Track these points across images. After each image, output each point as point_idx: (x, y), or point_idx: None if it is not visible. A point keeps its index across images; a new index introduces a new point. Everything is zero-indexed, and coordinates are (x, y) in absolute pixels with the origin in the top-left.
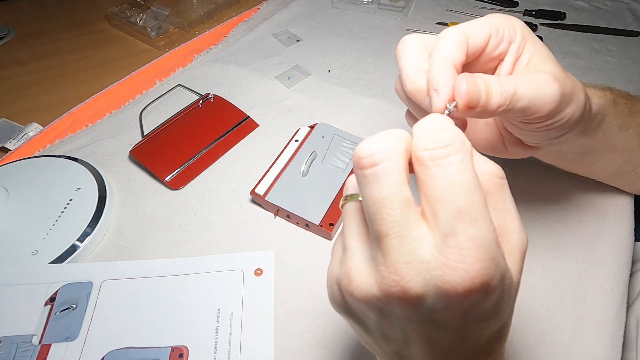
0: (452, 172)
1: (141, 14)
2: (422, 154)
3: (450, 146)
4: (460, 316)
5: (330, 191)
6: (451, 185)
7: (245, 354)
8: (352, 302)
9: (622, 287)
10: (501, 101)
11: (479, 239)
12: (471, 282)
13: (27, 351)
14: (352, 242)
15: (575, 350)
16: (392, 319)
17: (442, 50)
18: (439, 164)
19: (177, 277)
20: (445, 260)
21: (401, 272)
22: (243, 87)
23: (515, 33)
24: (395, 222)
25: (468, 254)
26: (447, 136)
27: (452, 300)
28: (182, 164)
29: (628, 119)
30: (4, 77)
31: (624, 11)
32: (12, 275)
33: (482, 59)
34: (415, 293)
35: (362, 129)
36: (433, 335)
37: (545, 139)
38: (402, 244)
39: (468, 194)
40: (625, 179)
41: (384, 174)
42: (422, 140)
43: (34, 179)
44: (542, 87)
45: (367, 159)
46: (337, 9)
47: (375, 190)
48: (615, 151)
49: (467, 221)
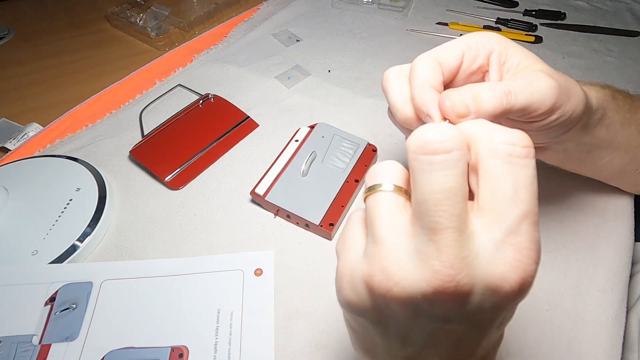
0: (529, 173)
1: (141, 14)
2: (502, 147)
3: (530, 148)
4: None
5: (330, 191)
6: (526, 186)
7: (245, 354)
8: (386, 300)
9: (622, 287)
10: (496, 102)
11: (537, 242)
12: (526, 281)
13: (27, 351)
14: (387, 234)
15: (575, 350)
16: (424, 318)
17: (418, 78)
18: (517, 162)
19: (177, 277)
20: (504, 257)
21: (458, 266)
22: (243, 87)
23: (491, 44)
24: (458, 216)
25: (528, 254)
26: (528, 138)
27: (504, 298)
28: (182, 164)
29: (629, 115)
30: (4, 77)
31: (624, 11)
32: (12, 275)
33: (462, 75)
34: (469, 289)
35: (362, 129)
36: (461, 338)
37: (550, 137)
38: (461, 239)
39: (535, 198)
40: (629, 178)
41: (454, 163)
42: (502, 133)
43: (34, 179)
44: (536, 83)
45: (438, 144)
46: (337, 9)
47: (441, 179)
48: (619, 149)
49: (531, 223)
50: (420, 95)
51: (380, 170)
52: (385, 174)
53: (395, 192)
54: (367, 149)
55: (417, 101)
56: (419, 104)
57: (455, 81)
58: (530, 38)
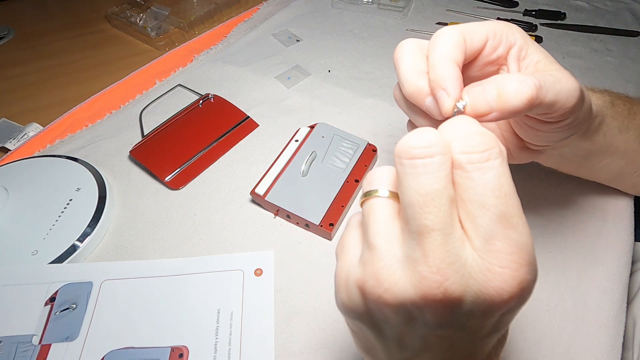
0: (492, 176)
1: (141, 14)
2: (460, 157)
3: (490, 150)
4: (491, 323)
5: (330, 191)
6: (491, 189)
7: (245, 354)
8: (378, 306)
9: (622, 287)
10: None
11: (522, 244)
12: (516, 288)
13: (27, 351)
14: (379, 240)
15: (575, 350)
16: (417, 325)
17: (442, 49)
18: (478, 167)
19: (177, 277)
20: (488, 265)
21: (445, 272)
22: (243, 87)
23: (514, 37)
24: (443, 218)
25: (512, 259)
26: (486, 140)
27: (493, 306)
28: (182, 164)
29: (627, 120)
30: (4, 77)
31: (624, 11)
32: (12, 275)
33: (479, 62)
34: (457, 296)
35: (362, 129)
36: (455, 343)
37: (555, 139)
38: (447, 243)
39: (508, 198)
40: (627, 181)
41: (437, 167)
42: (458, 143)
43: (34, 179)
44: (564, 81)
45: (421, 149)
46: (337, 9)
47: (425, 182)
48: (617, 153)
49: (508, 226)
50: (442, 67)
51: (377, 175)
52: (381, 179)
53: (391, 197)
54: (367, 149)
55: (437, 73)
56: (438, 77)
57: (471, 69)
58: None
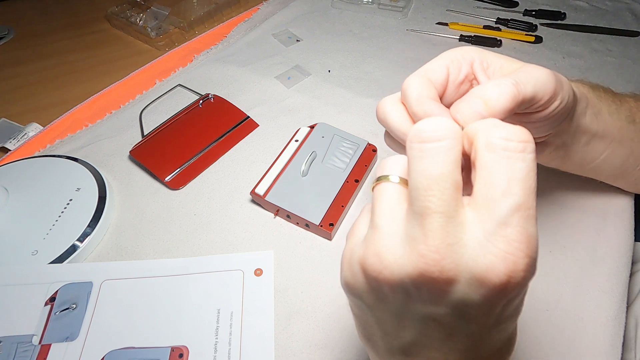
0: (524, 167)
1: (141, 14)
2: (498, 141)
3: (527, 143)
4: (491, 311)
5: (330, 191)
6: (519, 178)
7: (245, 354)
8: (377, 283)
9: (622, 287)
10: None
11: (531, 237)
12: (516, 274)
13: (27, 351)
14: (383, 220)
15: (575, 350)
16: (416, 305)
17: (413, 94)
18: (513, 155)
19: (177, 277)
20: (493, 248)
21: (443, 252)
22: (243, 87)
23: (470, 54)
24: (445, 202)
25: (519, 247)
26: (526, 133)
27: (493, 291)
28: (182, 164)
29: (615, 106)
30: (4, 77)
31: (624, 11)
32: (12, 275)
33: (451, 87)
34: (453, 275)
35: (362, 129)
36: (455, 332)
37: (550, 128)
38: (448, 225)
39: (530, 192)
40: (630, 176)
41: (445, 151)
42: (499, 129)
43: (34, 179)
44: (535, 72)
45: (430, 132)
46: (337, 9)
47: (432, 165)
48: (614, 142)
49: (524, 216)
50: (421, 107)
51: (390, 162)
52: (393, 166)
53: (401, 184)
54: (367, 149)
55: (419, 115)
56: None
57: (445, 95)
58: (530, 38)
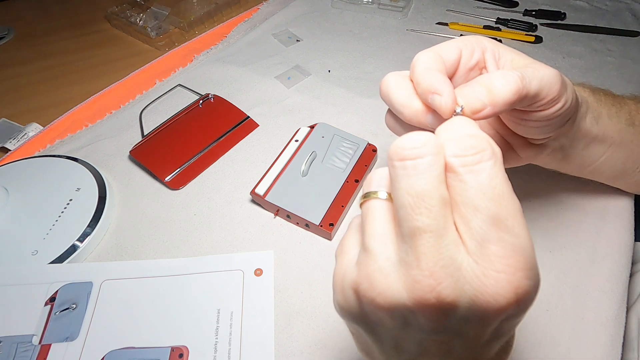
0: (484, 178)
1: (141, 14)
2: (452, 160)
3: (482, 153)
4: (490, 330)
5: (330, 191)
6: (484, 191)
7: (245, 354)
8: (372, 309)
9: (622, 287)
10: (512, 89)
11: (518, 247)
12: (511, 293)
13: (27, 351)
14: (375, 243)
15: (575, 350)
16: (413, 329)
17: (422, 64)
18: (471, 170)
19: (177, 277)
20: (483, 269)
21: (438, 276)
22: (243, 87)
23: (484, 43)
24: (434, 220)
25: (508, 262)
26: (478, 142)
27: (489, 312)
28: (182, 164)
29: (615, 109)
30: (4, 77)
31: (624, 11)
32: (12, 275)
33: (462, 70)
34: (451, 301)
35: (362, 129)
36: (453, 348)
37: (552, 130)
38: (440, 245)
39: (501, 200)
40: (630, 178)
41: (427, 167)
42: (451, 146)
43: (34, 179)
44: (542, 70)
45: (411, 150)
46: (337, 9)
47: (416, 182)
48: (614, 144)
49: (503, 228)
50: (426, 76)
51: (377, 177)
52: (381, 181)
53: (389, 200)
54: (367, 149)
55: (424, 82)
56: (427, 85)
57: (455, 78)
58: (530, 38)
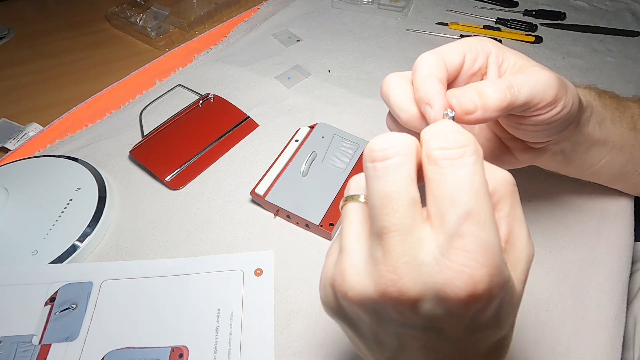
0: (465, 173)
1: (141, 14)
2: (435, 152)
3: (465, 147)
4: (461, 324)
5: (330, 191)
6: (462, 185)
7: (245, 354)
8: (346, 304)
9: (622, 287)
10: (500, 96)
11: (486, 243)
12: (474, 288)
13: (27, 351)
14: (349, 242)
15: (575, 350)
16: (387, 323)
17: (423, 70)
18: (453, 163)
19: (177, 277)
20: (448, 263)
21: (400, 271)
22: (243, 87)
23: (488, 46)
24: (400, 219)
25: (473, 257)
26: (463, 137)
27: (454, 306)
28: (182, 164)
29: (618, 113)
30: (4, 77)
31: (624, 11)
32: (12, 275)
33: (464, 76)
34: (412, 295)
35: (362, 129)
36: (430, 342)
37: (552, 134)
38: (404, 242)
39: (478, 196)
40: (629, 180)
41: (395, 169)
42: (436, 139)
43: (34, 179)
44: (536, 76)
45: (380, 152)
46: (337, 9)
47: (384, 184)
48: (615, 148)
49: (475, 223)
50: (424, 84)
51: (355, 182)
52: (358, 185)
53: (367, 203)
54: None
55: (420, 91)
56: (423, 94)
57: (456, 82)
58: (530, 38)
